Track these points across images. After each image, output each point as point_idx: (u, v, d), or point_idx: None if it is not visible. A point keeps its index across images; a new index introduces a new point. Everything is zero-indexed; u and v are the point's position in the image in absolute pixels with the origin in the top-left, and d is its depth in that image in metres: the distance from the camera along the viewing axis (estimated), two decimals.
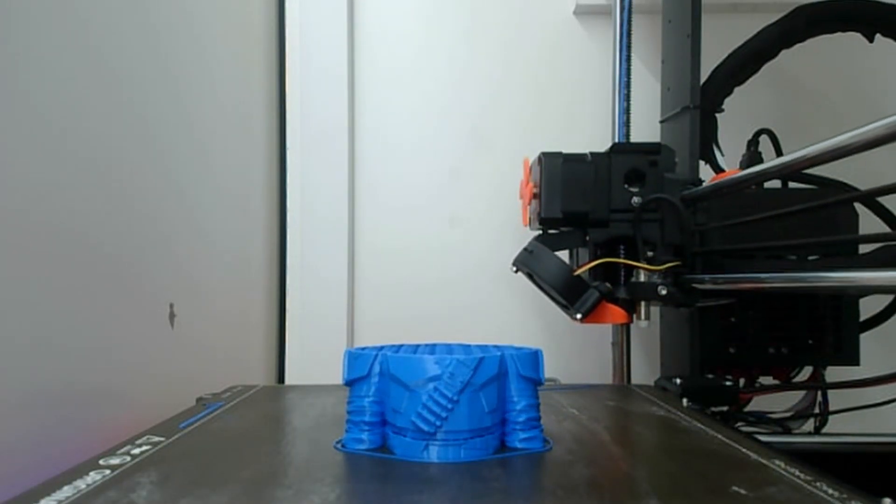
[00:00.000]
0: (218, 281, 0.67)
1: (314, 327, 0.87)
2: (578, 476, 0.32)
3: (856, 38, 0.70)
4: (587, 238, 0.66)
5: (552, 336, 0.88)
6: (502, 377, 0.37)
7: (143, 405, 0.49)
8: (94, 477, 0.31)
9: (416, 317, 0.88)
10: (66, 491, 0.29)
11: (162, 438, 0.38)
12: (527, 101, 0.90)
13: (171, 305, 0.55)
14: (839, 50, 0.73)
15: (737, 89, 0.72)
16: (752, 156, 0.71)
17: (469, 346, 0.44)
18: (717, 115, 0.72)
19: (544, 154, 0.66)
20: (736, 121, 0.73)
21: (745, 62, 0.71)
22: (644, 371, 0.82)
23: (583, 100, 0.88)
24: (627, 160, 0.65)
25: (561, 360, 0.87)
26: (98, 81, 0.44)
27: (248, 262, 0.78)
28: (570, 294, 0.62)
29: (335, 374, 0.39)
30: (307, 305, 0.87)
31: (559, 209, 0.65)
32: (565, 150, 0.66)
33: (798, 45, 0.71)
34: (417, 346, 0.44)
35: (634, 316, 0.66)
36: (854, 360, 0.66)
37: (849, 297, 0.66)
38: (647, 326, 0.66)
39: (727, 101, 0.72)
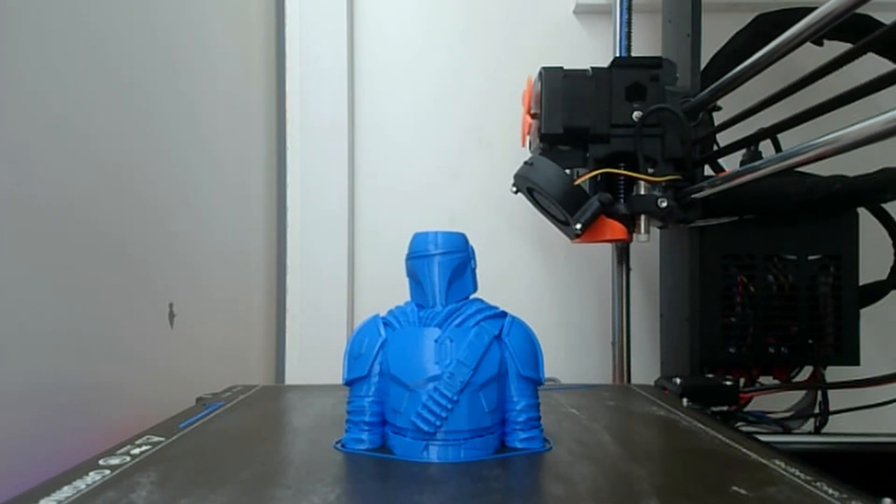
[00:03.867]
0: (217, 280, 0.67)
1: (314, 325, 0.87)
2: (578, 476, 0.32)
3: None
4: (587, 156, 0.66)
5: (552, 335, 0.88)
6: (502, 377, 0.37)
7: (142, 404, 0.49)
8: (93, 477, 0.31)
9: None
10: (66, 491, 0.29)
11: (162, 438, 0.38)
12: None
13: (171, 305, 0.55)
14: (839, 47, 0.73)
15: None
16: (753, 154, 0.71)
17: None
18: (715, 113, 0.72)
19: (545, 69, 0.65)
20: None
21: (726, 65, 0.71)
22: (644, 371, 0.82)
23: None
24: (629, 74, 0.64)
25: (561, 360, 0.87)
26: (100, 80, 0.44)
27: (248, 260, 0.78)
28: (570, 203, 0.61)
29: (335, 373, 0.39)
30: (307, 303, 0.87)
31: (560, 125, 0.64)
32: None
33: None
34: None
35: (634, 234, 0.65)
36: (854, 360, 0.66)
37: (848, 295, 0.66)
38: (647, 241, 0.65)
39: (725, 100, 0.72)
